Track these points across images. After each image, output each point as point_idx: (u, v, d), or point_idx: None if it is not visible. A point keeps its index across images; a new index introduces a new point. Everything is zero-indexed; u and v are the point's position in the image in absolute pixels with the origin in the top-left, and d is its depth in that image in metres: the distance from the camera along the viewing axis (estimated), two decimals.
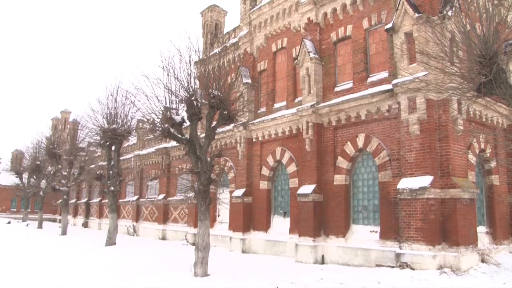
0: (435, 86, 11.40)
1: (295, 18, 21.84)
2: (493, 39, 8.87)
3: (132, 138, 36.71)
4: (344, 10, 19.25)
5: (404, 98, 15.41)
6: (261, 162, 22.97)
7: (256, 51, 24.58)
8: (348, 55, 19.06)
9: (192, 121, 17.33)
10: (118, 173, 27.15)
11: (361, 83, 17.98)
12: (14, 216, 60.50)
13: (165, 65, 17.17)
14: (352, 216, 18.05)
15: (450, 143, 14.76)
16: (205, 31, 29.77)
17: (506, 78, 8.98)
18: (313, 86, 19.56)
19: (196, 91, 17.25)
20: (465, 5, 11.95)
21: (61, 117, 57.75)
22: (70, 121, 47.69)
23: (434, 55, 10.96)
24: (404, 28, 15.61)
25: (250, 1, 25.26)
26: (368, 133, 17.39)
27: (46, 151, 40.26)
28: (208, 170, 16.68)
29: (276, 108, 22.56)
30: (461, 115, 15.13)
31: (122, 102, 25.92)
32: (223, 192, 25.88)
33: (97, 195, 46.21)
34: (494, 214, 17.69)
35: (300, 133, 20.01)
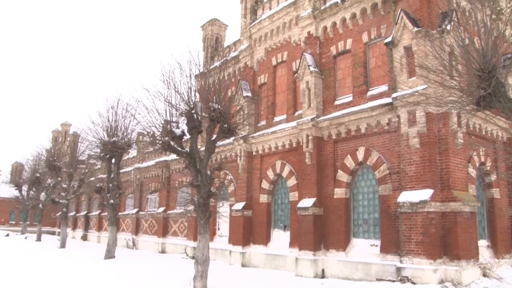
0: (435, 100, 11.44)
1: (295, 32, 21.98)
2: (492, 53, 8.93)
3: (132, 151, 36.72)
4: (344, 24, 19.38)
5: (404, 111, 15.44)
6: (261, 175, 22.95)
7: (256, 64, 24.70)
8: (348, 68, 19.15)
9: (192, 134, 17.35)
10: (118, 186, 27.10)
11: (361, 97, 18.04)
12: (13, 229, 60.25)
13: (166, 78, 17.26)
14: (353, 229, 17.98)
15: (450, 156, 14.76)
16: (205, 45, 29.94)
17: (505, 92, 9.03)
18: (313, 100, 19.62)
19: (197, 104, 17.30)
20: (464, 20, 12.05)
21: (62, 130, 57.80)
22: (71, 133, 47.71)
23: (433, 68, 11.02)
24: (403, 42, 15.70)
25: (250, 15, 25.44)
26: (368, 146, 17.40)
27: (46, 163, 40.24)
28: (208, 184, 16.65)
29: (276, 121, 22.60)
30: (461, 128, 15.15)
31: (123, 115, 25.98)
32: (223, 206, 25.80)
33: (97, 208, 46.09)
34: (495, 228, 17.62)
35: (300, 147, 20.02)
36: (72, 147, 38.55)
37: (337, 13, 19.55)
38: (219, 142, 19.65)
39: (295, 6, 21.84)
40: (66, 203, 37.01)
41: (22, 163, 54.75)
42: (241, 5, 26.22)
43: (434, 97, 11.78)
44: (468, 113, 11.38)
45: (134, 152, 38.20)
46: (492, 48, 8.96)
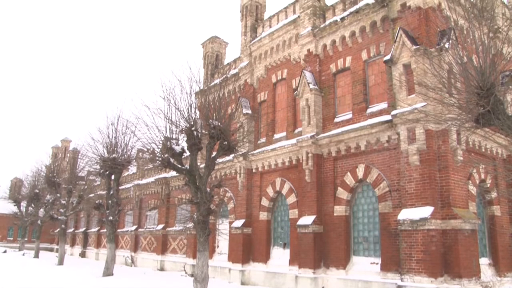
0: (434, 117, 11.47)
1: (295, 50, 22.14)
2: (490, 71, 8.98)
3: (132, 167, 36.68)
4: (343, 42, 19.54)
5: (403, 128, 15.47)
6: (261, 192, 22.89)
7: (256, 82, 24.82)
8: (347, 86, 19.25)
9: (192, 151, 17.37)
10: (117, 203, 27.00)
11: (361, 114, 18.09)
12: (11, 245, 59.86)
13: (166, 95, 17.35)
14: (353, 247, 17.88)
15: (450, 173, 14.75)
16: (206, 62, 30.14)
17: (503, 109, 9.06)
18: (312, 117, 19.67)
19: (197, 121, 17.35)
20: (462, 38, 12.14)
21: (61, 146, 57.83)
22: (70, 149, 47.75)
23: (432, 86, 11.06)
24: (402, 59, 15.81)
25: (250, 33, 25.65)
26: (368, 163, 17.39)
27: (46, 179, 40.14)
28: (208, 201, 16.61)
29: (276, 138, 22.63)
30: (461, 145, 15.17)
31: (123, 132, 26.02)
32: (223, 223, 25.68)
33: (96, 225, 45.85)
34: (496, 246, 17.51)
35: (300, 164, 20.01)
36: (71, 163, 38.53)
37: (336, 31, 19.72)
38: (218, 159, 19.62)
39: (295, 24, 22.04)
40: (65, 219, 36.82)
41: (22, 179, 54.67)
42: (241, 23, 26.46)
43: (433, 114, 11.81)
44: (468, 131, 11.41)
45: (133, 168, 38.14)
46: (490, 66, 9.02)
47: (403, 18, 16.58)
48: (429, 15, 16.08)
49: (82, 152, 36.20)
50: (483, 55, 9.23)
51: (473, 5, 11.21)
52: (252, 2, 26.16)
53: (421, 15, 16.13)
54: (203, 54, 30.69)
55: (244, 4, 26.55)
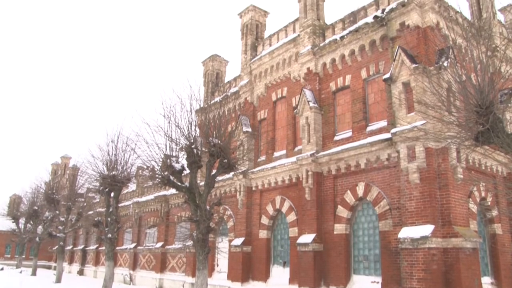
0: (434, 135, 11.51)
1: (295, 68, 22.29)
2: (489, 89, 9.05)
3: (132, 185, 36.61)
4: (343, 60, 19.68)
5: (403, 146, 15.49)
6: (261, 211, 22.80)
7: (256, 100, 24.92)
8: (347, 104, 19.32)
9: (192, 169, 17.39)
10: (116, 220, 26.88)
11: (361, 132, 18.13)
12: (8, 263, 59.40)
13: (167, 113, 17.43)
14: (353, 266, 17.74)
15: (450, 191, 14.72)
16: (206, 80, 30.31)
17: (503, 127, 9.09)
18: (312, 135, 19.71)
19: (197, 139, 17.41)
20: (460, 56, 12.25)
21: (61, 163, 57.78)
22: (70, 166, 47.69)
23: (431, 104, 11.12)
24: (401, 78, 15.91)
25: (250, 51, 25.85)
26: (368, 181, 17.37)
27: (45, 196, 40.02)
28: (207, 219, 16.58)
29: (276, 156, 22.63)
30: (461, 163, 15.17)
31: (123, 149, 26.02)
32: (222, 241, 25.53)
33: (94, 242, 45.57)
34: (498, 265, 17.37)
35: (300, 182, 19.98)
36: (71, 180, 38.44)
37: (336, 49, 19.88)
38: (218, 177, 19.62)
39: (295, 43, 22.22)
40: (64, 236, 36.61)
41: (21, 196, 54.49)
42: (242, 41, 26.68)
43: (433, 132, 11.86)
44: (467, 148, 11.43)
45: (133, 186, 38.08)
46: (489, 84, 9.09)
47: (402, 37, 16.73)
48: (428, 34, 16.24)
49: (81, 169, 36.15)
50: (481, 74, 9.31)
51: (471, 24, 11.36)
52: (253, 21, 26.42)
53: (419, 34, 16.29)
54: (204, 72, 30.88)
55: (244, 23, 26.81)
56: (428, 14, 16.40)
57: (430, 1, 16.47)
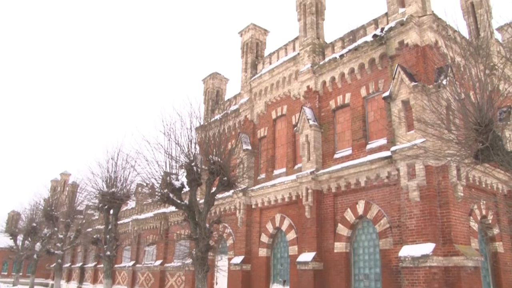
0: (433, 153, 11.52)
1: (295, 86, 22.40)
2: (488, 107, 9.09)
3: (131, 202, 36.46)
4: (343, 79, 19.79)
5: (403, 164, 15.49)
6: (260, 229, 22.69)
7: (256, 118, 25.00)
8: (347, 122, 19.37)
9: (191, 186, 17.36)
10: (115, 238, 26.72)
11: (360, 150, 18.15)
12: (5, 280, 58.86)
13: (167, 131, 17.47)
14: (353, 285, 17.58)
15: (450, 209, 14.68)
16: (206, 98, 30.43)
17: (502, 145, 9.11)
18: (312, 153, 19.72)
19: (197, 157, 17.43)
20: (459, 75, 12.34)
21: (61, 179, 57.65)
22: (69, 183, 47.56)
23: (431, 122, 11.17)
24: (401, 96, 15.98)
25: (251, 69, 26.01)
26: (368, 199, 17.32)
27: (43, 213, 39.83)
28: (207, 237, 16.50)
29: (276, 174, 22.60)
30: (461, 181, 15.16)
31: (122, 166, 26.01)
32: (221, 259, 25.36)
33: (93, 260, 45.23)
34: (501, 284, 17.20)
35: (300, 200, 19.92)
36: (70, 197, 38.35)
37: (335, 68, 20.01)
38: (218, 195, 19.58)
39: (295, 61, 22.38)
40: (62, 254, 36.37)
41: (19, 212, 54.19)
42: (242, 59, 26.87)
43: (432, 150, 11.87)
44: (467, 166, 11.43)
45: (132, 203, 37.93)
46: (488, 102, 9.14)
47: (401, 55, 16.86)
48: (427, 53, 16.37)
49: (81, 186, 36.09)
50: (480, 92, 9.36)
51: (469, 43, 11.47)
52: (253, 39, 26.64)
53: (418, 52, 16.43)
54: (204, 90, 31.03)
55: (244, 42, 27.04)
56: (427, 33, 16.57)
57: (428, 20, 16.65)
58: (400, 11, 17.52)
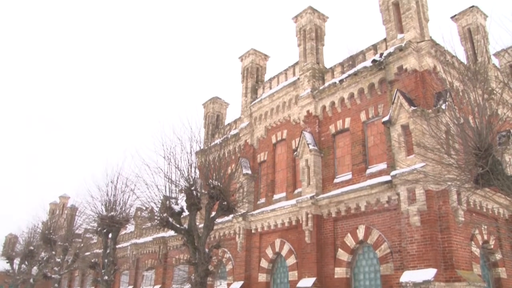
0: (434, 178, 11.52)
1: (295, 111, 22.52)
2: (487, 132, 9.14)
3: (130, 226, 36.22)
4: (342, 103, 19.91)
5: (403, 189, 15.47)
6: (260, 253, 22.49)
7: (256, 142, 25.05)
8: (346, 147, 19.42)
9: (191, 211, 17.31)
10: (113, 262, 26.46)
11: (360, 175, 18.14)
12: None
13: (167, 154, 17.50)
14: None
15: (452, 234, 14.59)
16: (206, 122, 30.55)
17: (502, 170, 9.12)
18: (312, 178, 19.70)
19: (196, 181, 17.42)
20: (458, 99, 12.44)
21: (59, 202, 57.36)
22: (68, 206, 47.34)
23: (431, 147, 11.20)
24: (400, 121, 16.06)
25: (251, 94, 26.19)
26: (368, 224, 17.23)
27: (41, 236, 39.48)
28: (206, 262, 16.38)
29: (276, 199, 22.53)
30: (461, 205, 15.11)
31: (122, 190, 25.92)
32: (221, 285, 25.05)
33: (90, 284, 44.62)
34: None
35: (300, 225, 19.81)
36: (69, 220, 38.13)
37: (335, 93, 20.15)
38: (218, 219, 19.48)
39: (295, 86, 22.55)
40: (59, 278, 35.93)
41: (17, 235, 53.74)
42: (242, 84, 27.08)
43: (432, 175, 11.87)
44: (468, 191, 11.43)
45: (131, 227, 37.68)
46: (487, 126, 9.19)
47: (400, 80, 17.02)
48: (425, 78, 16.54)
49: (80, 209, 35.90)
50: (479, 116, 9.42)
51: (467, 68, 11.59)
52: (253, 64, 26.91)
53: (417, 77, 16.59)
54: (204, 114, 31.18)
55: (245, 66, 27.30)
56: (425, 58, 16.76)
57: (426, 46, 16.86)
58: (398, 37, 17.79)
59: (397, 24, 18.25)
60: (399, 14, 18.23)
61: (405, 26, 17.73)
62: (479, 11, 21.16)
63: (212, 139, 28.67)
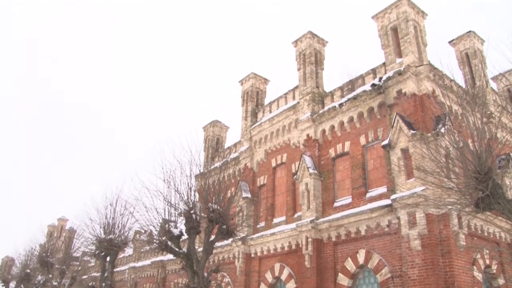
0: (434, 201, 11.48)
1: (295, 135, 22.57)
2: (486, 155, 9.15)
3: (128, 249, 35.94)
4: (342, 127, 19.97)
5: (403, 213, 15.40)
6: (260, 278, 22.23)
7: (256, 166, 25.04)
8: (346, 170, 19.40)
9: (190, 234, 17.21)
10: (111, 286, 26.14)
11: (360, 198, 18.08)
12: None
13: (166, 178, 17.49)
14: None
15: (453, 258, 14.45)
16: (206, 145, 30.60)
17: (503, 193, 9.10)
18: (312, 201, 19.63)
19: (196, 204, 17.38)
20: (457, 123, 12.50)
21: (58, 225, 56.94)
22: (67, 229, 47.01)
23: (430, 170, 11.20)
24: (400, 144, 16.09)
25: (251, 117, 26.30)
26: (368, 248, 17.09)
27: (38, 259, 39.08)
28: (205, 286, 16.20)
29: (276, 223, 22.40)
30: (462, 229, 15.01)
31: (121, 212, 25.80)
32: None
33: None
34: None
35: (300, 249, 19.65)
36: (66, 243, 37.82)
37: (335, 116, 20.23)
38: (217, 243, 19.35)
39: (295, 110, 22.66)
40: None
41: (13, 258, 53.22)
42: (242, 108, 27.22)
43: (433, 198, 11.84)
44: (468, 215, 11.37)
45: (130, 250, 37.39)
46: (486, 150, 9.20)
47: (400, 104, 17.12)
48: (424, 101, 16.63)
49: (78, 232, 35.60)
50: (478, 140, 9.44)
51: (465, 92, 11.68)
52: (253, 88, 27.10)
53: (416, 101, 16.69)
54: (204, 137, 31.26)
55: (245, 90, 27.48)
56: (424, 82, 16.89)
57: (425, 70, 17.01)
58: (397, 61, 17.97)
59: (396, 48, 18.46)
60: (398, 39, 18.45)
61: (403, 50, 17.92)
62: (476, 36, 21.43)
63: (212, 162, 28.67)
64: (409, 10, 18.45)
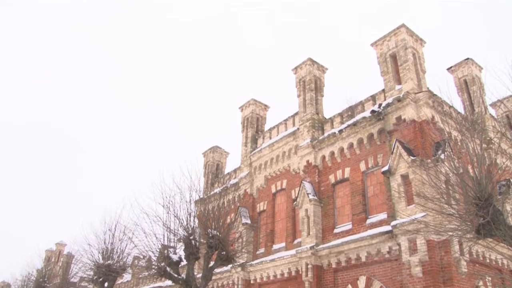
0: (434, 228, 11.44)
1: (294, 161, 22.60)
2: (486, 181, 9.15)
3: (127, 275, 35.53)
4: (342, 153, 20.02)
5: (404, 239, 15.31)
6: None
7: (256, 191, 24.99)
8: (346, 196, 19.37)
9: (189, 260, 17.08)
10: None
11: (360, 225, 18.00)
12: None
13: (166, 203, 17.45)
14: None
15: (455, 285, 14.30)
16: (206, 171, 30.58)
17: (504, 219, 9.07)
18: (312, 228, 19.53)
19: (195, 230, 17.30)
20: (456, 149, 12.55)
21: (56, 249, 56.39)
22: (65, 253, 46.52)
23: (431, 196, 11.19)
24: (400, 170, 16.11)
25: (251, 143, 26.37)
26: (369, 275, 16.93)
27: (35, 284, 38.58)
28: None
29: (275, 249, 22.24)
30: (464, 256, 14.89)
31: (120, 238, 25.60)
32: None
33: None
34: None
35: (300, 275, 19.46)
36: (64, 268, 37.39)
37: (335, 143, 20.30)
38: (216, 269, 19.17)
39: (294, 136, 22.74)
40: None
41: (9, 283, 52.53)
42: (242, 134, 27.32)
43: (433, 225, 11.79)
44: (469, 241, 11.31)
45: (128, 276, 36.97)
46: (486, 176, 9.21)
47: (399, 130, 17.21)
48: (424, 128, 16.73)
49: (76, 257, 35.26)
50: (478, 166, 9.47)
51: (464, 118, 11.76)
52: (253, 114, 27.26)
53: (416, 127, 16.78)
54: (204, 163, 31.26)
55: (245, 116, 27.63)
56: (423, 108, 17.02)
57: (424, 96, 17.16)
58: (396, 88, 18.14)
59: (395, 75, 18.66)
60: (397, 66, 18.67)
61: (402, 77, 18.11)
62: (474, 63, 21.68)
63: (211, 188, 28.61)
64: (408, 38, 18.73)
